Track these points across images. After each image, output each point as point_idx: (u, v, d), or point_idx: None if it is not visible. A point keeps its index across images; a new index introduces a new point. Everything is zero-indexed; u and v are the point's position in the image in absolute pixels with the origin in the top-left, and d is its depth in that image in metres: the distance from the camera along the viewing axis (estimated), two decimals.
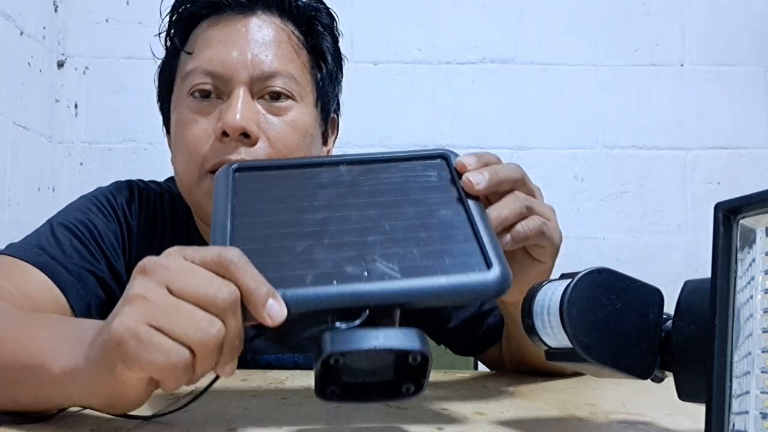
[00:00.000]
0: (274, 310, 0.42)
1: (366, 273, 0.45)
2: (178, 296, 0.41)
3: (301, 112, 0.77)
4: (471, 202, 0.52)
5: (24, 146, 1.53)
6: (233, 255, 0.42)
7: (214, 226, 0.50)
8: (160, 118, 0.85)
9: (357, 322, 0.43)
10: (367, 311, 0.43)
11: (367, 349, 0.39)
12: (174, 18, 0.80)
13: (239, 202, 0.52)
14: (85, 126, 1.72)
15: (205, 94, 0.75)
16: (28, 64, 1.57)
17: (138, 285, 0.42)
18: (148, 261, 0.43)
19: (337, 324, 0.43)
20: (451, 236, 0.49)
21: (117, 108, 1.72)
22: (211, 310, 0.41)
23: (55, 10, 1.71)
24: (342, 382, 0.42)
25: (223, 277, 0.42)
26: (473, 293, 0.45)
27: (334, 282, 0.44)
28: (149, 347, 0.40)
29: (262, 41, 0.76)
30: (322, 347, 0.40)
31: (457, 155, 0.56)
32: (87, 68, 1.73)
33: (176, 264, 0.42)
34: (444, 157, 0.56)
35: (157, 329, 0.40)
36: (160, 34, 0.81)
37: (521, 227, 0.55)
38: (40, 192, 1.62)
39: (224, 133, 0.72)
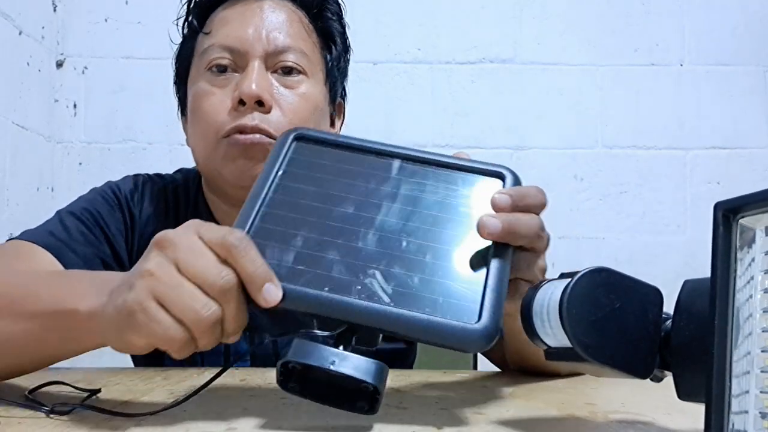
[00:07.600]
0: (270, 294, 0.44)
1: (359, 287, 0.46)
2: (183, 275, 0.44)
3: (312, 87, 0.82)
4: (499, 245, 0.50)
5: (23, 146, 1.53)
6: (235, 239, 0.45)
7: (253, 193, 0.52)
8: (175, 102, 0.89)
9: (335, 332, 0.45)
10: (346, 325, 0.45)
11: (321, 367, 0.42)
12: (193, 4, 0.85)
13: (287, 174, 0.54)
14: (84, 126, 1.72)
15: (222, 69, 0.80)
16: (27, 63, 1.57)
17: (152, 259, 0.45)
18: (164, 235, 0.46)
19: (316, 330, 0.46)
20: (460, 273, 0.49)
21: (116, 108, 1.72)
22: (210, 292, 0.44)
23: (54, 10, 1.71)
24: (304, 379, 0.44)
25: (226, 260, 0.44)
26: (450, 341, 0.45)
27: (326, 289, 0.46)
28: (152, 321, 0.43)
29: (276, 20, 0.82)
30: (288, 350, 0.43)
31: (515, 175, 0.55)
32: (86, 68, 1.73)
33: (187, 242, 0.45)
34: (501, 177, 0.56)
35: (162, 305, 0.44)
36: (178, 19, 0.86)
37: None
38: (39, 192, 1.62)
39: (240, 102, 0.77)
